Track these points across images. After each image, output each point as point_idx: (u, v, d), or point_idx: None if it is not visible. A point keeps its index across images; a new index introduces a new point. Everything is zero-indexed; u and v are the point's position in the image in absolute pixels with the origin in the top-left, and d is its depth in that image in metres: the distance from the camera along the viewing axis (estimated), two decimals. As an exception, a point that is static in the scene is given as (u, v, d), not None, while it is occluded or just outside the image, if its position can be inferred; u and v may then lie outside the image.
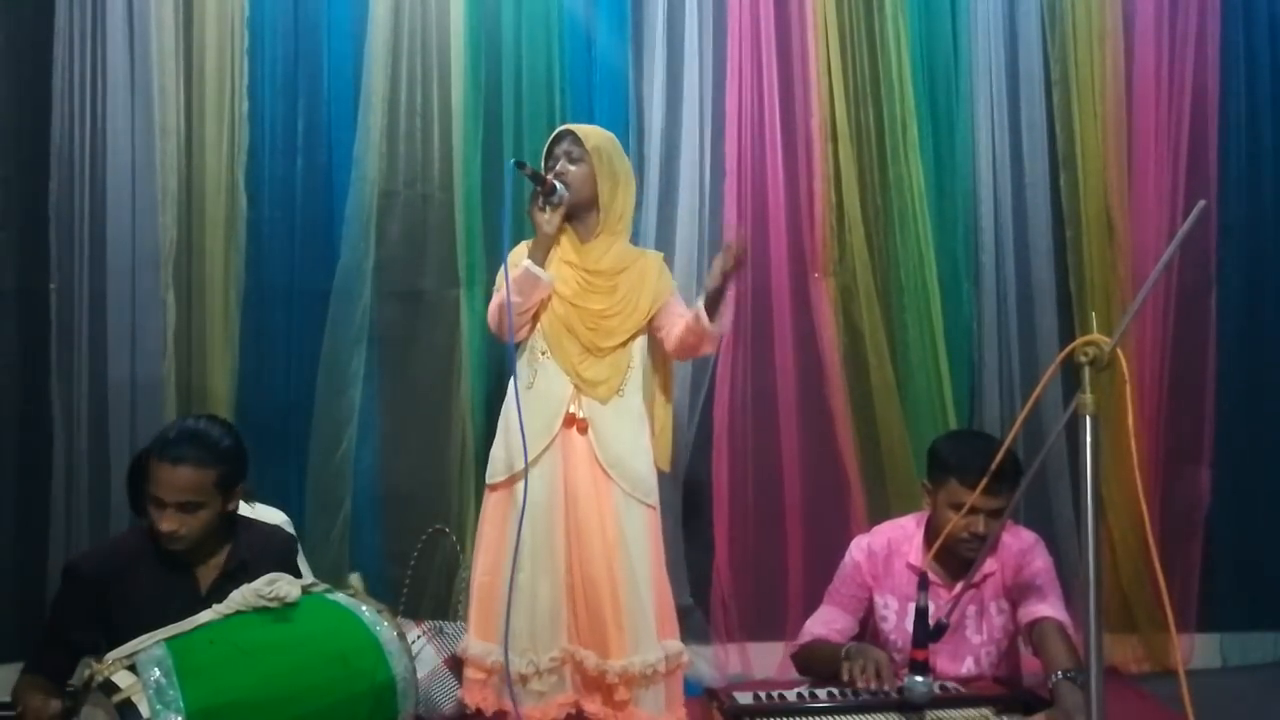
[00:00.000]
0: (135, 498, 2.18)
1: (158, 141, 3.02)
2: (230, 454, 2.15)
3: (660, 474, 2.63)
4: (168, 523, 2.05)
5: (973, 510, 2.38)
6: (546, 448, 2.53)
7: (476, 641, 2.55)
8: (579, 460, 2.55)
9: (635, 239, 2.85)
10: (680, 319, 2.62)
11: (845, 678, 2.23)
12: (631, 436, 2.59)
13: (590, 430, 2.55)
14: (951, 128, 3.28)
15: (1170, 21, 3.34)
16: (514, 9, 3.15)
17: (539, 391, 2.56)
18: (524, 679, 2.46)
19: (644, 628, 2.50)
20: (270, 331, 3.09)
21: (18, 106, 3.02)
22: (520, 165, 2.55)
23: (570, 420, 2.55)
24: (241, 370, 3.05)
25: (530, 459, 2.49)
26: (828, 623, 2.56)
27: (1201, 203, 1.79)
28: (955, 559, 2.43)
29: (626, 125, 3.15)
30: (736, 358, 3.22)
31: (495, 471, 2.61)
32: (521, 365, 2.58)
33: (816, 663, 2.43)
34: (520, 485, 2.52)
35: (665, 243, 3.14)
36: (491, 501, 2.61)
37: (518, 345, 2.58)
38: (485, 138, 3.14)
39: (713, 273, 2.56)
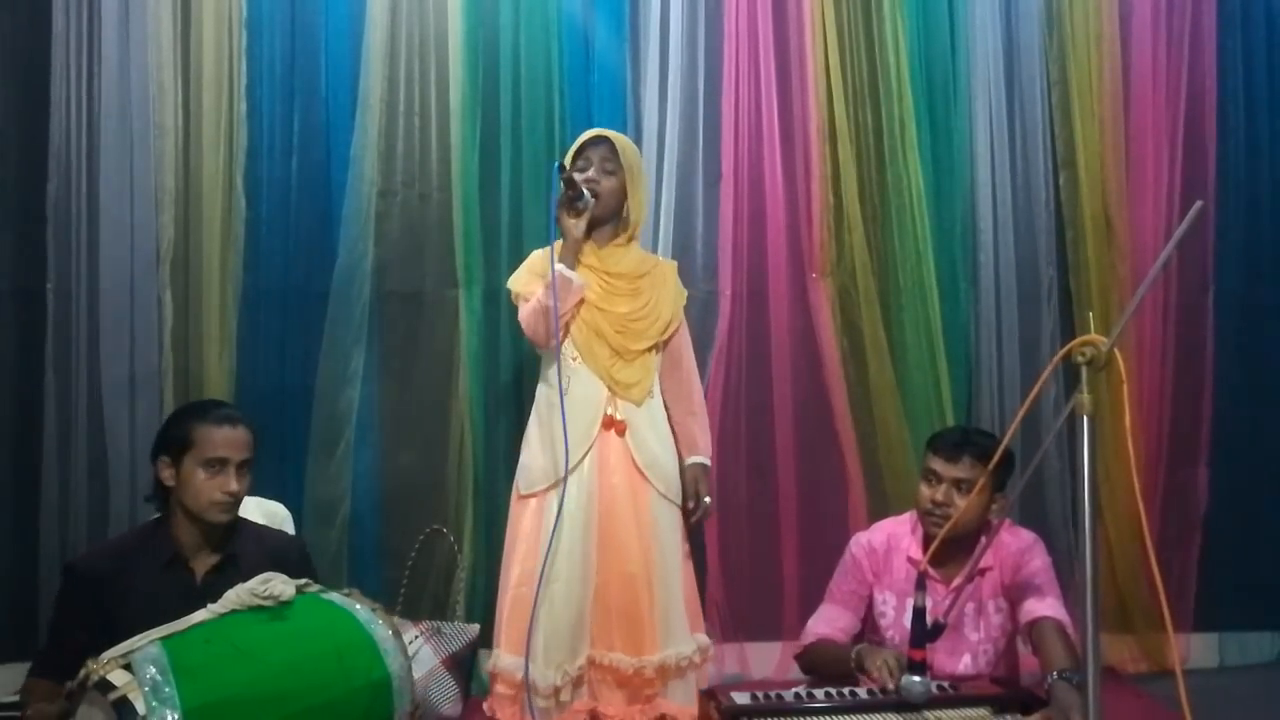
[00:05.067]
0: (159, 494, 2.19)
1: (155, 141, 3.02)
2: None
3: None
4: (236, 483, 2.11)
5: (936, 476, 2.42)
6: (586, 452, 2.55)
7: (509, 656, 2.54)
8: (615, 463, 2.59)
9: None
10: (678, 396, 2.73)
11: (874, 676, 2.22)
12: (663, 438, 2.66)
13: (627, 432, 2.58)
14: (949, 128, 3.28)
15: (1167, 22, 3.35)
16: (512, 9, 3.15)
17: (574, 397, 2.59)
18: (559, 690, 2.47)
19: (677, 622, 2.56)
20: (268, 331, 3.09)
21: (15, 107, 3.03)
22: (562, 168, 2.58)
23: (609, 422, 2.59)
24: (239, 370, 3.04)
25: (571, 465, 2.52)
26: (831, 621, 2.56)
27: (1199, 203, 1.79)
28: (953, 554, 2.43)
29: (624, 126, 3.15)
30: (734, 359, 3.22)
31: (533, 480, 2.62)
32: (554, 373, 2.61)
33: (822, 664, 2.42)
34: (555, 492, 2.55)
35: (663, 243, 3.13)
36: (527, 510, 2.62)
37: (549, 352, 2.61)
38: (483, 138, 3.14)
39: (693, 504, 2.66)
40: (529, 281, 2.69)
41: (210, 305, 3.02)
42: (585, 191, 2.60)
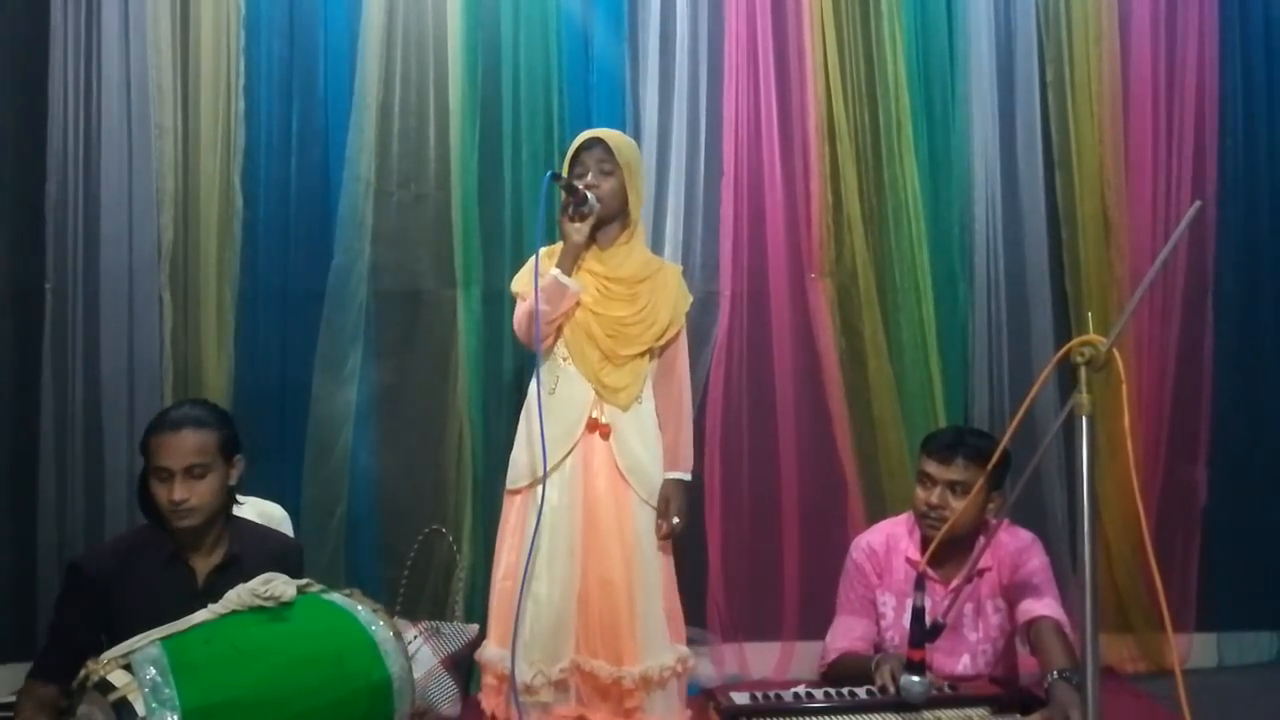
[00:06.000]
0: (143, 502, 2.19)
1: (154, 141, 3.01)
2: (224, 419, 2.22)
3: None
4: (179, 491, 2.08)
5: (930, 479, 2.43)
6: (569, 452, 2.55)
7: (493, 647, 2.58)
8: (599, 466, 2.59)
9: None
10: (666, 403, 2.71)
11: (878, 684, 2.23)
12: (649, 444, 2.64)
13: (611, 436, 2.57)
14: (947, 128, 3.28)
15: (1168, 22, 3.35)
16: (511, 8, 3.15)
17: (561, 397, 2.59)
18: (531, 690, 2.47)
19: (657, 632, 2.54)
20: (267, 331, 3.08)
21: (13, 107, 3.02)
22: (556, 177, 2.58)
23: (593, 425, 2.59)
24: (238, 370, 3.04)
25: (552, 464, 2.53)
26: (848, 632, 2.56)
27: (1197, 203, 1.80)
28: (952, 555, 2.44)
29: (623, 125, 3.14)
30: (733, 358, 3.21)
31: (518, 476, 2.64)
32: (544, 371, 2.62)
33: (849, 678, 2.39)
34: (537, 489, 2.55)
35: (661, 243, 3.13)
36: (514, 506, 2.64)
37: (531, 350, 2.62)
38: (482, 138, 3.14)
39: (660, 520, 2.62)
40: (529, 282, 2.69)
41: (209, 305, 3.02)
42: (589, 196, 2.60)
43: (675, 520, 2.62)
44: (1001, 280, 3.28)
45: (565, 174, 2.65)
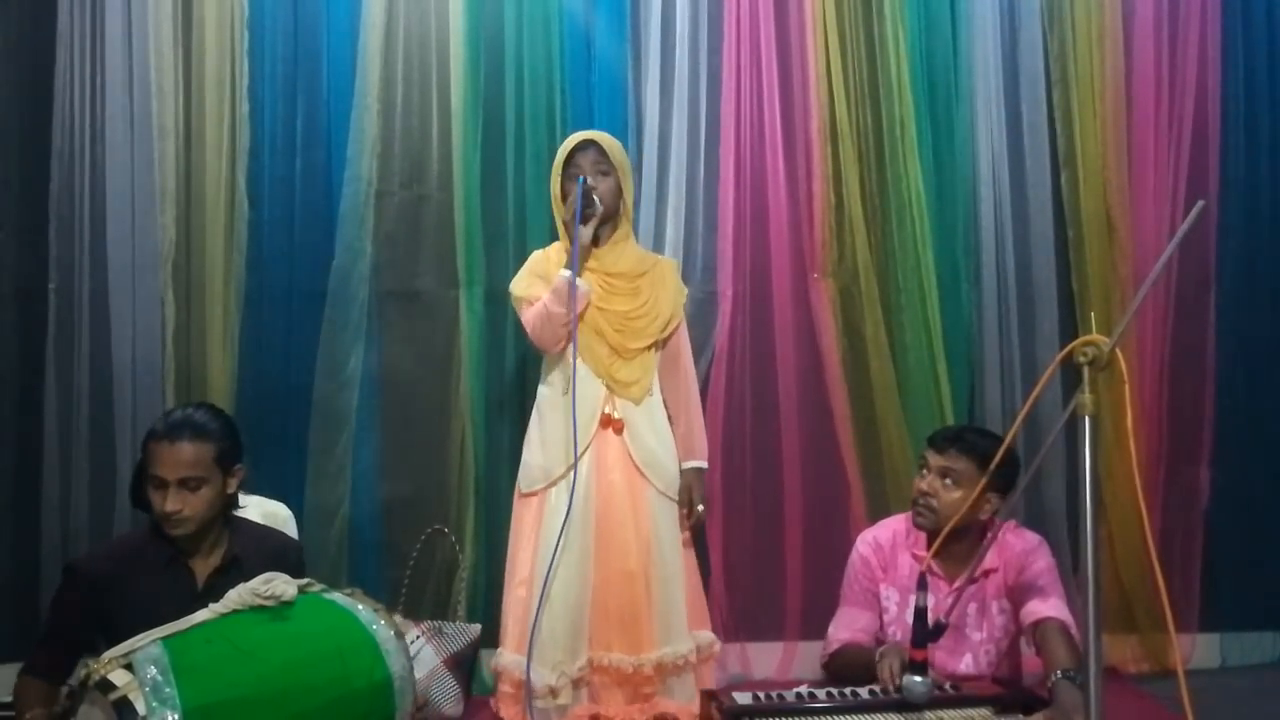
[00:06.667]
0: (137, 496, 2.19)
1: (157, 142, 3.02)
2: (225, 430, 2.19)
3: None
4: (171, 502, 2.06)
5: (926, 466, 2.46)
6: (584, 451, 2.57)
7: (509, 654, 2.59)
8: (613, 461, 2.63)
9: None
10: (675, 395, 2.77)
11: (881, 679, 2.23)
12: (661, 435, 2.70)
13: (625, 430, 2.59)
14: (951, 128, 3.27)
15: (1170, 21, 3.34)
16: (514, 9, 3.15)
17: (573, 395, 2.59)
18: (555, 692, 2.49)
19: (676, 620, 2.60)
20: (270, 331, 3.09)
21: (18, 108, 3.03)
22: (584, 182, 2.65)
23: (606, 421, 2.63)
24: (241, 370, 3.05)
25: (566, 464, 2.58)
26: (850, 624, 2.56)
27: (1200, 203, 1.79)
28: (956, 553, 2.44)
29: (625, 125, 3.15)
30: (735, 359, 3.21)
31: (533, 479, 2.67)
32: (555, 374, 2.66)
33: (849, 670, 2.40)
34: (553, 491, 2.59)
35: (663, 242, 3.14)
36: (529, 509, 2.66)
37: (548, 353, 2.67)
38: (485, 138, 3.14)
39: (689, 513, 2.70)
40: (530, 284, 2.71)
41: (212, 305, 3.03)
42: (596, 200, 2.65)
43: (700, 508, 2.70)
44: (1009, 280, 3.27)
45: (558, 176, 2.71)
